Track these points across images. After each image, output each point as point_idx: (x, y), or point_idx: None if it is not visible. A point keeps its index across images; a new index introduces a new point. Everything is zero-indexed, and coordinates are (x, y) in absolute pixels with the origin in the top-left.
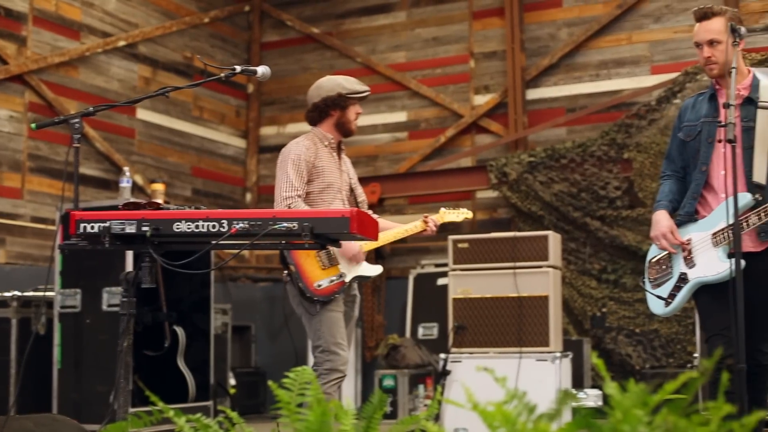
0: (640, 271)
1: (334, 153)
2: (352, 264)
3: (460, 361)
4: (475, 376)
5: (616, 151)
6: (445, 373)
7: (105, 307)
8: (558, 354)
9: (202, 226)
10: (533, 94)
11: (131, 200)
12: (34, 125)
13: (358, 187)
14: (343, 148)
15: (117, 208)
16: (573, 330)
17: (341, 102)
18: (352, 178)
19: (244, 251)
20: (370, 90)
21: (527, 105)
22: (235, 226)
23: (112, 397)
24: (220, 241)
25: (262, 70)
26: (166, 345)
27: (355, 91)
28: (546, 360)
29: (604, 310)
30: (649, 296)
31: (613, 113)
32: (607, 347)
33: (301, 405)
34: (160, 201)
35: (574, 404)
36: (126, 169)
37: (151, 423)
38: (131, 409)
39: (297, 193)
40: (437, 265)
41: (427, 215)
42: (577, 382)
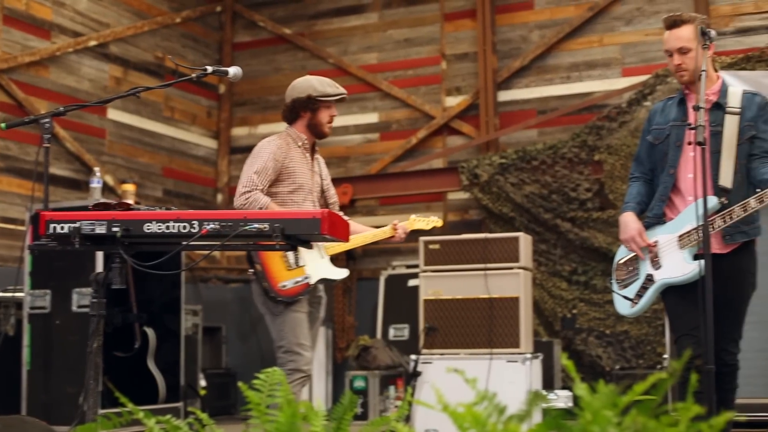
0: (611, 272)
1: (307, 154)
2: (319, 266)
3: (430, 363)
4: (446, 377)
5: (587, 153)
6: (416, 374)
7: (75, 308)
8: (528, 355)
9: (173, 226)
10: (504, 95)
11: (102, 201)
12: (3, 125)
13: (330, 189)
14: (317, 149)
15: (87, 208)
16: (543, 331)
17: (311, 104)
18: (324, 179)
19: (215, 252)
20: (347, 93)
21: (498, 107)
22: (205, 227)
23: (81, 399)
24: (191, 242)
25: (234, 70)
26: (136, 346)
27: (326, 94)
28: (516, 361)
29: (575, 311)
30: (615, 297)
31: (584, 115)
32: (577, 348)
33: (272, 406)
34: (130, 201)
35: (544, 405)
36: (96, 169)
37: (121, 424)
38: (101, 411)
39: (255, 187)
40: (408, 267)
41: (397, 222)
42: (548, 383)
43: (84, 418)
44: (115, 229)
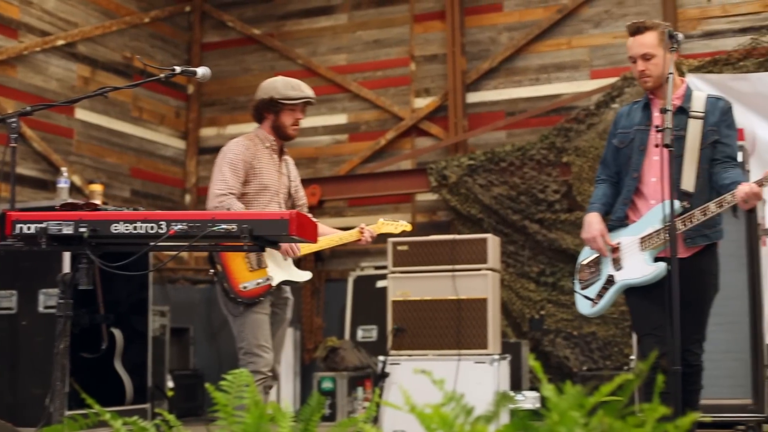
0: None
1: (275, 155)
2: (282, 268)
3: (398, 364)
4: (414, 379)
5: (555, 155)
6: (384, 375)
7: (41, 308)
8: (496, 356)
9: (141, 227)
10: (473, 97)
11: (69, 201)
12: None
13: (300, 190)
14: (285, 151)
15: (54, 208)
16: (511, 332)
17: (273, 106)
18: (293, 180)
19: (183, 253)
20: (314, 96)
21: (467, 108)
22: (173, 228)
23: (48, 400)
24: (159, 243)
25: (202, 71)
26: (103, 347)
27: (287, 97)
28: (484, 362)
29: (543, 312)
30: (577, 296)
31: (553, 117)
32: (545, 349)
33: (239, 407)
34: (98, 202)
35: (511, 406)
36: (64, 169)
37: (87, 426)
38: (67, 412)
39: (231, 191)
40: (377, 268)
41: (364, 226)
42: (515, 384)
43: (50, 419)
44: (82, 230)
